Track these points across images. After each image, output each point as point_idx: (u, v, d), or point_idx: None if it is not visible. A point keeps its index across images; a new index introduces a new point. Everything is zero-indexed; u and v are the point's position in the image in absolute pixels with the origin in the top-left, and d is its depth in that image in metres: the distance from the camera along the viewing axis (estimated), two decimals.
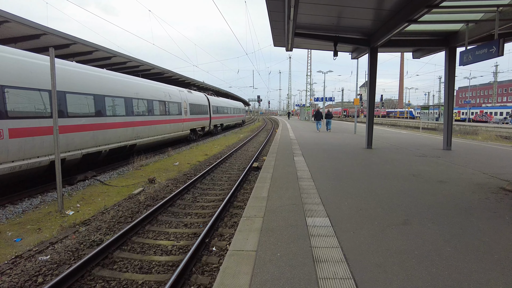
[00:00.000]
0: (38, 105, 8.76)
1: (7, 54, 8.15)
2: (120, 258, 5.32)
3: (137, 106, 14.68)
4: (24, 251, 5.57)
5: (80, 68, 11.21)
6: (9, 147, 7.75)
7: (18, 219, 7.23)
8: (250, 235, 4.39)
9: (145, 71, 26.43)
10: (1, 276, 4.69)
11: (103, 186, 10.37)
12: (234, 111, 42.68)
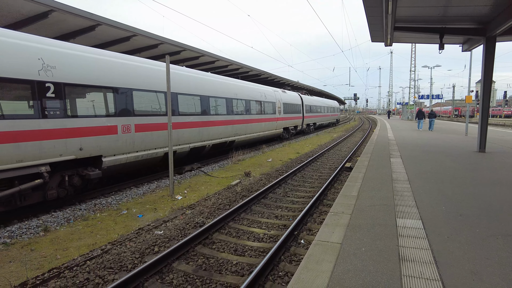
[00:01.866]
0: (155, 105, 10.29)
1: (134, 62, 9.80)
2: (218, 240, 5.97)
3: (236, 106, 15.84)
4: (144, 225, 6.71)
5: (189, 72, 12.68)
6: (135, 139, 9.35)
7: (140, 199, 8.68)
8: (336, 229, 4.47)
9: (244, 73, 28.11)
10: (129, 242, 5.79)
11: (206, 176, 11.58)
12: (328, 110, 41.97)
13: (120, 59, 9.24)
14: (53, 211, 7.57)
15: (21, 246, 5.72)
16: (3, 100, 6.38)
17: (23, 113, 6.64)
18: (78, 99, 7.86)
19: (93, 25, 13.07)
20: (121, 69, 9.10)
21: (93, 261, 5.11)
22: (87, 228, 6.58)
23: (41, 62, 6.99)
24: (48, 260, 5.21)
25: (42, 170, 6.96)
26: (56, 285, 4.40)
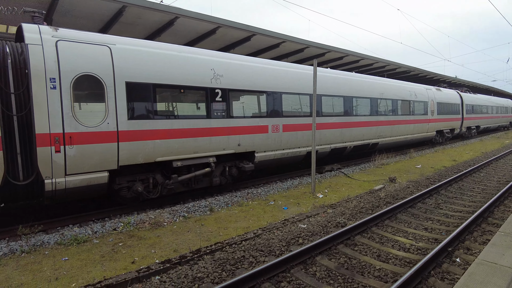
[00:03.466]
0: (300, 107, 10.89)
1: (282, 67, 10.63)
2: (360, 243, 5.95)
3: (381, 106, 15.06)
4: (289, 217, 7.28)
5: (331, 73, 12.83)
6: (282, 138, 10.18)
7: (284, 193, 9.41)
8: (508, 252, 3.85)
9: (391, 71, 26.28)
10: (276, 230, 6.43)
11: (346, 178, 11.53)
12: (497, 110, 34.70)
13: (270, 65, 10.21)
14: (216, 195, 9.07)
15: (194, 220, 7.12)
16: (188, 103, 8.06)
17: (199, 114, 8.21)
18: (238, 102, 9.13)
19: (249, 36, 14.76)
20: (272, 75, 10.04)
21: (247, 242, 5.92)
22: (241, 213, 7.61)
23: (213, 72, 8.45)
24: (214, 235, 6.33)
25: (210, 160, 8.45)
26: (220, 256, 5.31)
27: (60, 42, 6.30)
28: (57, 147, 6.10)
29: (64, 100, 6.18)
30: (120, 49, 7.01)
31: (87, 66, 6.49)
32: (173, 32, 13.57)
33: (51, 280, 4.68)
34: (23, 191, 6.19)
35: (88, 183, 6.58)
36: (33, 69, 5.90)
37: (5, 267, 5.04)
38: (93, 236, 6.23)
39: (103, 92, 6.65)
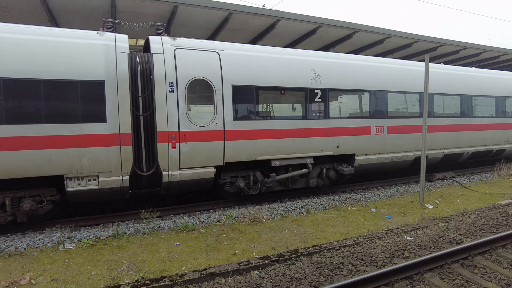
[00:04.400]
0: (408, 106, 9.95)
1: (387, 64, 9.87)
2: (482, 265, 5.12)
3: (510, 106, 12.73)
4: (393, 227, 6.73)
5: (445, 68, 11.35)
6: (386, 141, 9.49)
7: (387, 200, 8.75)
8: None
9: None
10: (378, 240, 6.02)
11: (462, 188, 10.10)
12: None
13: (373, 62, 9.60)
14: (312, 197, 8.98)
15: (291, 220, 7.17)
16: (287, 104, 8.19)
17: (298, 115, 8.23)
18: (338, 102, 8.85)
19: (351, 33, 14.18)
20: (375, 72, 9.42)
21: (346, 249, 5.68)
22: (339, 218, 7.36)
23: (313, 72, 8.38)
24: (311, 237, 6.26)
25: (308, 161, 8.40)
26: (318, 259, 5.22)
27: (177, 50, 7.08)
28: (173, 143, 6.88)
29: (180, 102, 6.93)
30: (227, 54, 7.51)
31: (199, 71, 7.14)
32: (274, 35, 13.94)
33: (166, 261, 5.29)
34: (145, 180, 7.16)
35: (198, 177, 7.25)
36: (156, 75, 6.78)
37: (132, 244, 5.90)
38: (200, 225, 6.83)
39: (212, 95, 7.24)
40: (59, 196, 6.51)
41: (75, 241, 5.99)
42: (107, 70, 6.33)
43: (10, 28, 5.98)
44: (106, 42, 6.52)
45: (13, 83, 5.69)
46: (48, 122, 5.91)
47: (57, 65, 6.00)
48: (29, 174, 5.93)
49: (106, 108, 6.28)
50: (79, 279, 4.77)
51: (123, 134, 6.43)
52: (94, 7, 10.74)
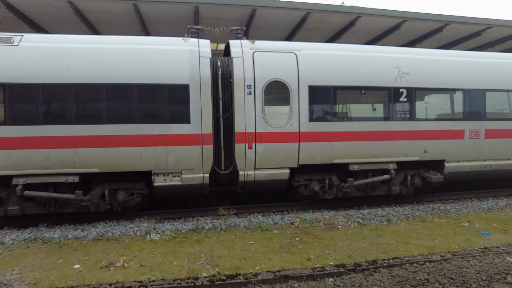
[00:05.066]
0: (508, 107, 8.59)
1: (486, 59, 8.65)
2: None
3: None
4: (491, 245, 5.87)
5: None
6: (484, 146, 8.33)
7: (483, 214, 7.69)
8: None
9: None
10: (472, 258, 5.31)
11: None
12: None
13: (468, 58, 8.50)
14: (394, 206, 8.35)
15: (370, 229, 6.76)
16: (367, 104, 7.76)
17: (379, 116, 7.73)
18: (425, 103, 8.07)
19: (441, 26, 12.87)
20: (471, 68, 8.34)
21: (432, 265, 5.13)
22: (425, 230, 6.70)
23: (397, 70, 7.78)
24: (392, 248, 5.81)
25: (390, 167, 7.83)
26: (399, 273, 4.81)
27: (256, 53, 7.22)
28: (250, 144, 7.04)
29: (257, 104, 7.06)
30: (304, 55, 7.41)
31: (276, 73, 7.18)
32: (354, 33, 13.37)
33: (241, 259, 5.42)
34: (223, 178, 7.47)
35: (272, 178, 7.30)
36: (236, 78, 7.01)
37: (210, 239, 6.19)
38: (274, 226, 6.86)
39: (288, 96, 7.21)
40: (147, 190, 7.16)
41: (159, 232, 6.52)
42: (191, 74, 6.76)
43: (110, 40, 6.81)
44: (190, 48, 6.96)
45: (114, 88, 6.44)
46: (140, 122, 6.55)
47: (149, 70, 6.61)
48: (124, 169, 6.66)
49: (190, 109, 6.71)
50: (163, 267, 5.17)
51: (205, 134, 6.80)
52: (180, 15, 11.60)
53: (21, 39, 6.48)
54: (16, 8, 10.54)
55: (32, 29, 11.67)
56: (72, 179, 6.49)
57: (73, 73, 6.33)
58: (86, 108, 6.40)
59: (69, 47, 6.53)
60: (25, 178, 6.39)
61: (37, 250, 5.81)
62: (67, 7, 10.43)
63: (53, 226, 6.89)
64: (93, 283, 4.58)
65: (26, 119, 6.23)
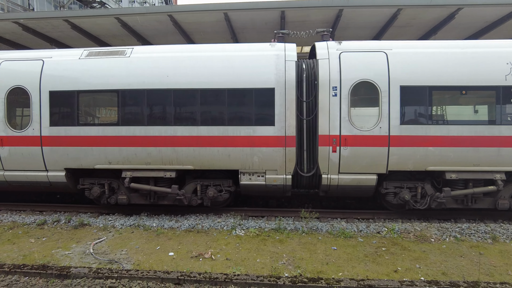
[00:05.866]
0: None
1: None
2: None
3: None
4: None
5: None
6: None
7: None
8: None
9: None
10: None
11: None
12: None
13: None
14: (501, 222, 7.28)
15: (470, 246, 6.01)
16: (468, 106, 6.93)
17: (483, 119, 6.82)
18: None
19: None
20: None
21: None
22: None
23: (509, 67, 6.76)
24: (498, 271, 5.08)
25: (497, 177, 6.83)
26: None
27: (342, 54, 7.04)
28: (334, 147, 6.89)
29: (342, 106, 6.88)
30: (396, 53, 6.95)
31: (364, 73, 6.89)
32: (452, 27, 12.07)
33: (323, 263, 5.35)
34: (305, 181, 7.46)
35: (358, 183, 7.02)
36: (321, 80, 6.95)
37: (292, 240, 6.25)
38: (358, 234, 6.58)
39: (377, 97, 6.86)
40: (234, 188, 7.56)
41: (244, 228, 6.82)
42: (277, 77, 6.93)
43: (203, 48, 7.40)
44: (276, 52, 7.14)
45: (208, 93, 6.99)
46: (229, 125, 6.97)
47: (238, 76, 6.99)
48: (214, 167, 7.16)
49: (275, 112, 6.89)
50: (246, 263, 5.40)
51: (288, 136, 6.90)
52: (267, 21, 11.98)
53: (131, 51, 7.47)
54: (128, 25, 12.19)
55: (139, 42, 13.34)
56: (170, 174, 7.22)
57: (172, 80, 7.05)
58: (183, 111, 7.07)
59: (169, 56, 7.30)
60: (132, 172, 7.34)
61: (140, 235, 6.62)
62: (167, 20, 11.66)
63: (152, 216, 7.74)
64: (185, 270, 5.02)
65: (134, 120, 7.15)
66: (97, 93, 7.30)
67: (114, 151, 7.18)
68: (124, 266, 5.31)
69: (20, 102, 7.53)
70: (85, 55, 7.50)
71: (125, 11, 11.69)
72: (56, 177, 7.53)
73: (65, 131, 7.29)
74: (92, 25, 12.35)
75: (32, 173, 7.59)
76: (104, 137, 7.19)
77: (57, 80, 7.34)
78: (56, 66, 7.45)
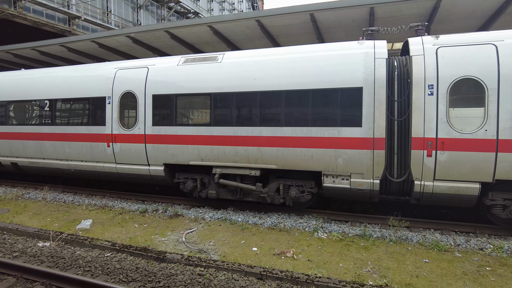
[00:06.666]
0: None
1: None
2: None
3: None
4: None
5: None
6: None
7: None
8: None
9: None
10: None
11: None
12: None
13: None
14: None
15: None
16: None
17: None
18: None
19: None
20: None
21: None
22: None
23: None
24: None
25: None
26: None
27: (439, 49, 6.41)
28: (429, 151, 6.31)
29: (439, 106, 6.26)
30: (509, 45, 6.04)
31: (466, 70, 6.15)
32: None
33: (412, 276, 4.96)
34: (395, 187, 6.97)
35: (456, 192, 6.29)
36: (415, 78, 6.43)
37: (378, 248, 5.93)
38: (455, 248, 5.92)
39: (482, 96, 6.06)
40: (316, 189, 7.50)
41: (326, 231, 6.72)
42: (365, 76, 6.64)
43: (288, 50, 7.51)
44: (365, 50, 6.85)
45: (292, 94, 7.07)
46: (313, 126, 6.93)
47: (323, 76, 6.91)
48: (297, 167, 7.20)
49: (362, 113, 6.61)
50: (329, 266, 5.32)
51: (377, 138, 6.55)
52: (354, 19, 11.55)
53: (223, 56, 8.00)
54: (220, 32, 13.04)
55: (229, 48, 14.16)
56: (255, 173, 7.53)
57: (259, 83, 7.33)
58: (268, 112, 7.29)
59: (256, 60, 7.60)
60: (221, 169, 7.84)
61: (226, 229, 7.04)
62: (255, 25, 12.12)
63: (237, 211, 8.16)
64: (267, 266, 5.18)
65: (224, 121, 7.64)
66: (192, 96, 8.00)
67: (206, 149, 7.78)
68: (211, 256, 5.73)
69: (128, 105, 8.69)
70: (182, 62, 8.30)
71: (217, 19, 12.50)
72: (156, 171, 8.50)
73: (165, 130, 8.17)
74: (187, 34, 13.56)
75: (137, 167, 8.70)
76: (197, 136, 7.85)
77: (159, 85, 8.28)
78: (158, 72, 8.40)
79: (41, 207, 8.91)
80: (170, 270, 5.17)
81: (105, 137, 8.82)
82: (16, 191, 10.44)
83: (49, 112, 9.64)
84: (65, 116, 9.54)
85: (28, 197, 9.86)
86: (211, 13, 38.21)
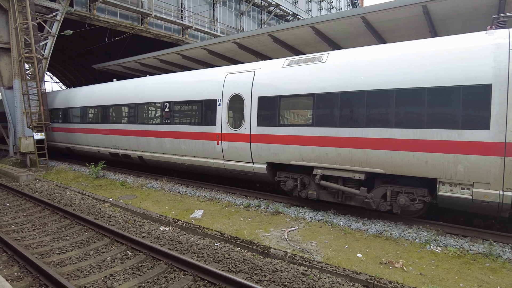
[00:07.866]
0: None
1: None
2: None
3: None
4: None
5: None
6: None
7: None
8: None
9: None
10: None
11: None
12: None
13: None
14: None
15: None
16: None
17: None
18: None
19: None
20: None
21: None
22: None
23: None
24: None
25: None
26: None
27: None
28: None
29: None
30: None
31: None
32: None
33: None
34: None
35: None
36: None
37: (509, 273, 5.08)
38: None
39: None
40: (429, 198, 6.80)
41: (440, 245, 6.05)
42: (496, 71, 5.75)
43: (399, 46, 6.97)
44: (496, 41, 5.94)
45: (404, 93, 6.55)
46: (428, 127, 6.29)
47: (441, 72, 6.22)
48: (407, 172, 6.65)
49: (491, 113, 5.74)
50: (446, 284, 4.79)
51: (509, 143, 5.61)
52: (477, 6, 10.12)
53: (327, 56, 7.91)
54: (322, 32, 12.93)
55: (331, 47, 13.91)
56: (359, 176, 7.23)
57: (366, 81, 7.00)
58: (375, 112, 6.90)
59: (363, 58, 7.28)
60: (322, 170, 7.77)
61: (327, 231, 6.95)
62: (359, 22, 11.64)
63: (338, 214, 7.96)
64: (374, 275, 4.93)
65: (326, 122, 7.54)
66: (295, 98, 8.11)
67: (307, 149, 7.81)
68: (314, 257, 5.73)
69: (236, 107, 9.29)
70: (286, 64, 8.49)
71: (319, 19, 12.40)
72: (259, 168, 8.90)
73: (268, 130, 8.50)
74: (289, 36, 13.81)
75: (242, 164, 9.24)
76: (299, 137, 7.94)
77: (264, 87, 8.64)
78: (263, 75, 8.77)
79: (160, 195, 10.21)
80: (275, 266, 5.36)
81: (215, 136, 9.63)
82: (141, 180, 12.19)
83: (168, 112, 10.99)
84: (181, 116, 10.74)
85: (150, 186, 11.41)
86: (309, 13, 37.99)
